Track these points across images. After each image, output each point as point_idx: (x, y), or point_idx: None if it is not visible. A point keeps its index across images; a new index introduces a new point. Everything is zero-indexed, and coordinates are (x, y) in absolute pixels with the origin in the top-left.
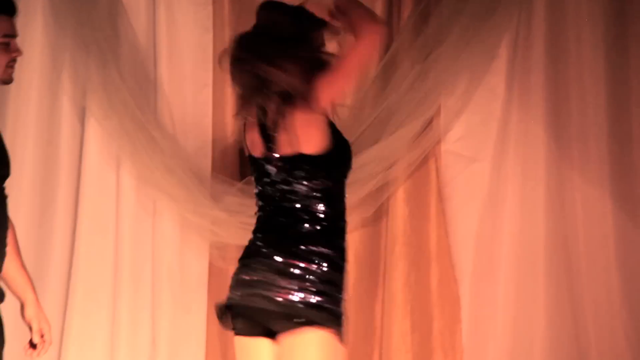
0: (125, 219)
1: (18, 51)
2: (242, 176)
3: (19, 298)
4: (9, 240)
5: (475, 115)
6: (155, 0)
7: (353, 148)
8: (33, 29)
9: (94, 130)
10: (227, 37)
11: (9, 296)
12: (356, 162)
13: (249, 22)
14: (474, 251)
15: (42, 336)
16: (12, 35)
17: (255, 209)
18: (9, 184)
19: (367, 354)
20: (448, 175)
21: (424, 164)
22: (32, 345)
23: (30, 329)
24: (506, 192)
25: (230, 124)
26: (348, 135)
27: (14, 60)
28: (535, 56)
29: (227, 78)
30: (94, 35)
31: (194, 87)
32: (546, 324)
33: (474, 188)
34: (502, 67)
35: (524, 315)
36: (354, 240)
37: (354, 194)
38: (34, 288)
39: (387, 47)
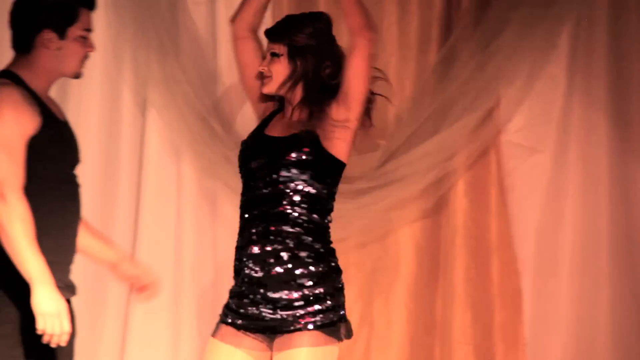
0: (186, 209)
1: (92, 47)
2: None
3: (107, 264)
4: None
5: (536, 106)
6: None
7: (412, 139)
8: (94, 20)
9: (154, 121)
10: None
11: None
12: (416, 153)
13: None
14: (535, 243)
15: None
16: (90, 30)
17: None
18: None
19: (427, 347)
20: (509, 166)
21: (484, 155)
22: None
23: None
24: (568, 183)
25: None
26: (407, 126)
27: (86, 56)
28: (597, 45)
29: None
30: (155, 26)
31: None
32: (610, 317)
33: (535, 179)
34: (563, 57)
35: (588, 308)
36: (414, 232)
37: (413, 186)
38: (117, 246)
39: (446, 38)
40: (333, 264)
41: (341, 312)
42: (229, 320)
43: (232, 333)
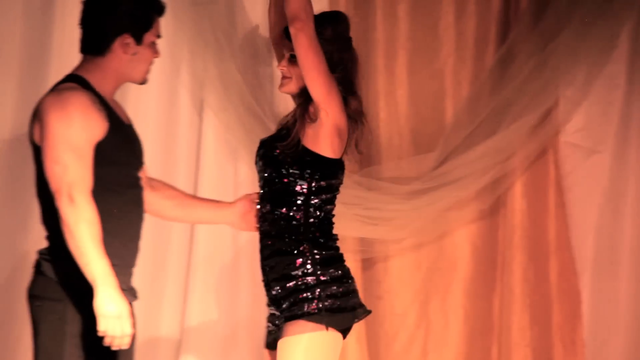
0: None
1: (158, 52)
2: (358, 168)
3: (220, 220)
4: (175, 191)
5: (595, 106)
6: None
7: (469, 140)
8: None
9: (211, 122)
10: None
11: None
12: (473, 154)
13: (364, 12)
14: (594, 244)
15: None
16: (160, 36)
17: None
18: None
19: (485, 348)
20: (567, 167)
21: (542, 155)
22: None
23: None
24: (627, 184)
25: None
26: (464, 127)
27: (152, 62)
28: None
29: None
30: (212, 28)
31: None
32: None
33: (594, 180)
34: (622, 57)
35: None
36: (471, 233)
37: (470, 187)
38: (216, 201)
39: (504, 38)
40: (318, 256)
41: (335, 303)
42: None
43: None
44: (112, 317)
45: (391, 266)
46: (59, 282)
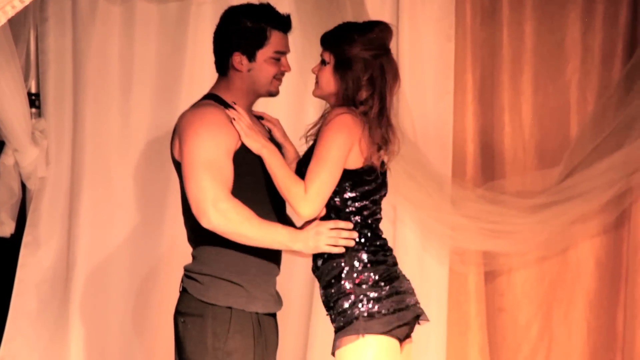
0: None
1: (287, 67)
2: (482, 182)
3: None
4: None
5: None
6: (399, 11)
7: (595, 154)
8: None
9: None
10: (469, 46)
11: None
12: (598, 168)
13: (490, 31)
14: None
15: None
16: (283, 52)
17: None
18: None
19: None
20: None
21: None
22: None
23: None
24: None
25: (470, 130)
26: (590, 141)
27: (282, 74)
28: None
29: (468, 85)
30: None
31: (435, 94)
32: None
33: None
34: None
35: None
36: (595, 247)
37: (595, 200)
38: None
39: (630, 53)
40: (356, 262)
41: (372, 308)
42: None
43: None
44: (318, 239)
45: (514, 279)
46: (200, 299)
